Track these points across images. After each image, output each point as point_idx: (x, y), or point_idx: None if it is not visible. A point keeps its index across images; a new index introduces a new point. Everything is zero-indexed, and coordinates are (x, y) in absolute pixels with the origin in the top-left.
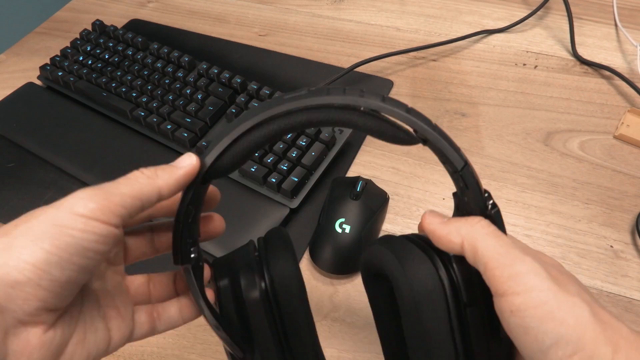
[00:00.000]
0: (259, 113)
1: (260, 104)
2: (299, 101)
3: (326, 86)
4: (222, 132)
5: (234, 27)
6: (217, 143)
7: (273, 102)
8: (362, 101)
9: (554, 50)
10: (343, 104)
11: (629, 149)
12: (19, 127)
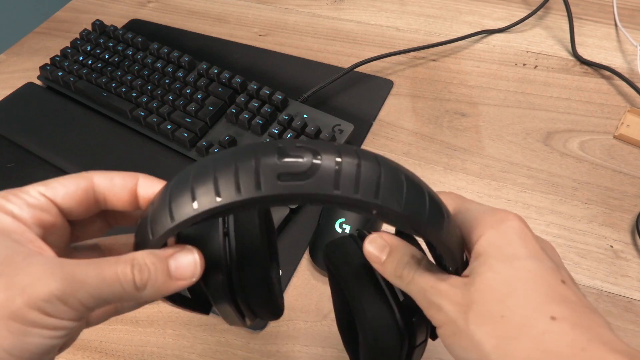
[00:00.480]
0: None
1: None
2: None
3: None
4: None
5: (234, 27)
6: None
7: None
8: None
9: (554, 50)
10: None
11: (629, 149)
12: (19, 127)
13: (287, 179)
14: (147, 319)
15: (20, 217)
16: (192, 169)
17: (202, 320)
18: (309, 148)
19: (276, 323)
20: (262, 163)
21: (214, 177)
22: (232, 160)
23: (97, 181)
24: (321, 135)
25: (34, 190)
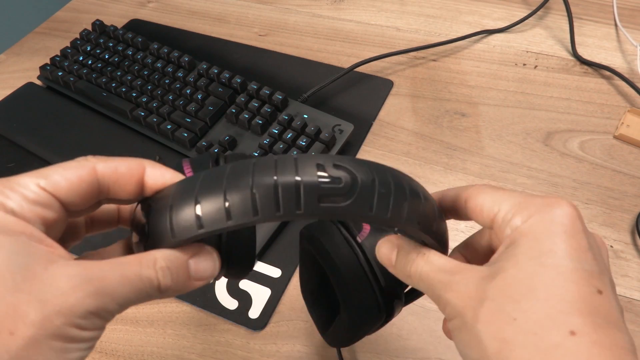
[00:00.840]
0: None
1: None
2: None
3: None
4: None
5: (234, 27)
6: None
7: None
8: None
9: (554, 50)
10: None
11: (629, 149)
12: (19, 127)
13: (327, 201)
14: (147, 319)
15: (22, 215)
16: (227, 171)
17: (202, 320)
18: (346, 168)
19: (276, 323)
20: (303, 182)
21: (251, 189)
22: (272, 172)
23: (100, 169)
24: (321, 135)
25: (32, 183)
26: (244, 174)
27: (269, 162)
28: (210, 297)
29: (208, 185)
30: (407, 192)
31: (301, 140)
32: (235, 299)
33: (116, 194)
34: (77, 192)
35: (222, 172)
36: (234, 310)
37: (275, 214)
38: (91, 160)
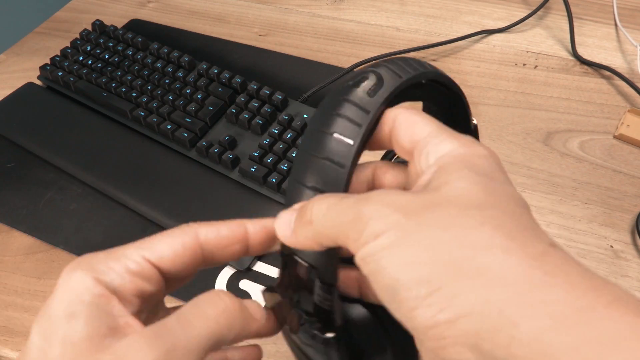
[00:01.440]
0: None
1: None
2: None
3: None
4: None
5: (234, 27)
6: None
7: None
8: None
9: (554, 50)
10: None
11: (629, 149)
12: (19, 127)
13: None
14: None
15: (118, 289)
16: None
17: None
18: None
19: None
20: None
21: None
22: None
23: (203, 236)
24: None
25: (137, 254)
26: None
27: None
28: None
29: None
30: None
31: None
32: None
33: (221, 258)
34: (181, 262)
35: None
36: None
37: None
38: (193, 227)
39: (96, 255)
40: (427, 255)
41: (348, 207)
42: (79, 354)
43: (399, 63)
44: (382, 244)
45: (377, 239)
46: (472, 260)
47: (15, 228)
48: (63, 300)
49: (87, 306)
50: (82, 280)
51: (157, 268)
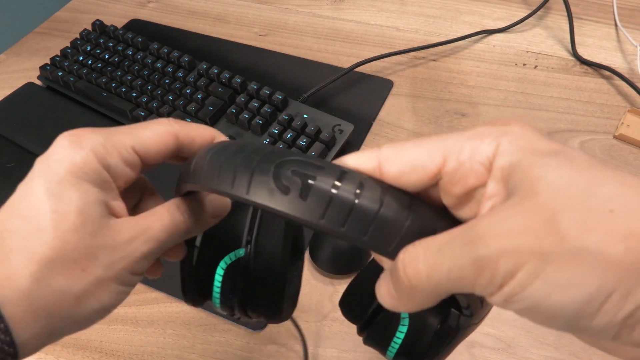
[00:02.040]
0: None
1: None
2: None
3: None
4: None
5: (234, 27)
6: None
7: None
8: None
9: (554, 50)
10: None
11: (629, 149)
12: (19, 127)
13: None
14: (147, 319)
15: (114, 172)
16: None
17: (202, 320)
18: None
19: None
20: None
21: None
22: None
23: (181, 137)
24: (321, 135)
25: (129, 144)
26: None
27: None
28: None
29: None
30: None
31: (301, 140)
32: None
33: (184, 155)
34: (161, 155)
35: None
36: None
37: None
38: (174, 126)
39: (95, 135)
40: (579, 268)
41: (456, 258)
42: (87, 231)
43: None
44: (524, 280)
45: (516, 277)
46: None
47: None
48: (72, 172)
49: (92, 185)
50: (88, 159)
51: (140, 158)
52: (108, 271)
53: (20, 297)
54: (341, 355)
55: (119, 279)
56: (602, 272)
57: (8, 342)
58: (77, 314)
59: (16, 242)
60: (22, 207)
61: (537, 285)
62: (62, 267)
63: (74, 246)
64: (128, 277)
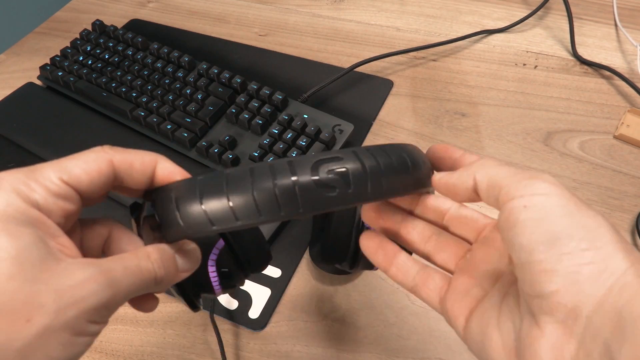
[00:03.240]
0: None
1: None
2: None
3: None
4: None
5: (234, 27)
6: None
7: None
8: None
9: (554, 50)
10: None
11: (629, 149)
12: (19, 127)
13: (323, 195)
14: (147, 318)
15: (45, 208)
16: (223, 177)
17: (202, 320)
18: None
19: (276, 323)
20: (299, 182)
21: (252, 192)
22: (269, 176)
23: (117, 162)
24: (321, 135)
25: (54, 175)
26: (243, 178)
27: (264, 167)
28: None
29: (215, 187)
30: (396, 167)
31: (301, 140)
32: (235, 299)
33: (128, 185)
34: (96, 184)
35: (222, 176)
36: (234, 310)
37: (279, 214)
38: (109, 152)
39: (14, 174)
40: (592, 221)
41: (514, 169)
42: (24, 277)
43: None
44: (550, 199)
45: (544, 196)
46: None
47: None
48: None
49: (23, 227)
50: (9, 201)
51: (74, 189)
52: (57, 319)
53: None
54: (341, 355)
55: (72, 328)
56: (603, 231)
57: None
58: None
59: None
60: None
61: (556, 205)
62: (1, 320)
63: (12, 296)
64: (84, 325)
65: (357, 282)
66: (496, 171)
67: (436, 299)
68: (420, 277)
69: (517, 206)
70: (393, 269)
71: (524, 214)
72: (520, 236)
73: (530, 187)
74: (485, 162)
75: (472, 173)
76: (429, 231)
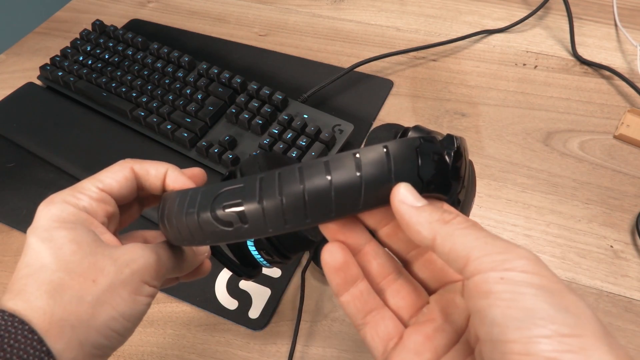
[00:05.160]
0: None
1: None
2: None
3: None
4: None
5: (234, 27)
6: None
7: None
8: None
9: (554, 50)
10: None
11: (629, 149)
12: (19, 127)
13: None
14: (147, 318)
15: (91, 211)
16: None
17: (202, 320)
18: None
19: (276, 323)
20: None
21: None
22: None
23: (137, 170)
24: (321, 135)
25: (92, 185)
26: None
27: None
28: (210, 297)
29: (190, 205)
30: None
31: (301, 140)
32: (235, 299)
33: (148, 189)
34: (125, 189)
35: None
36: (234, 310)
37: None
38: (129, 162)
39: (61, 193)
40: (575, 306)
41: (485, 238)
42: (84, 251)
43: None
44: (528, 278)
45: (524, 273)
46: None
47: (15, 228)
48: (54, 221)
49: (76, 223)
50: (62, 208)
51: (109, 194)
52: (116, 277)
53: (40, 312)
54: (341, 355)
55: (130, 285)
56: (581, 319)
57: (45, 352)
58: (96, 321)
59: (27, 280)
60: (26, 260)
61: (532, 286)
62: (72, 281)
63: (77, 264)
64: (138, 284)
65: None
66: (463, 239)
67: (380, 349)
68: (374, 317)
69: (493, 277)
70: (347, 296)
71: (501, 285)
72: (494, 308)
73: (507, 263)
74: (450, 227)
75: (432, 231)
76: (390, 268)
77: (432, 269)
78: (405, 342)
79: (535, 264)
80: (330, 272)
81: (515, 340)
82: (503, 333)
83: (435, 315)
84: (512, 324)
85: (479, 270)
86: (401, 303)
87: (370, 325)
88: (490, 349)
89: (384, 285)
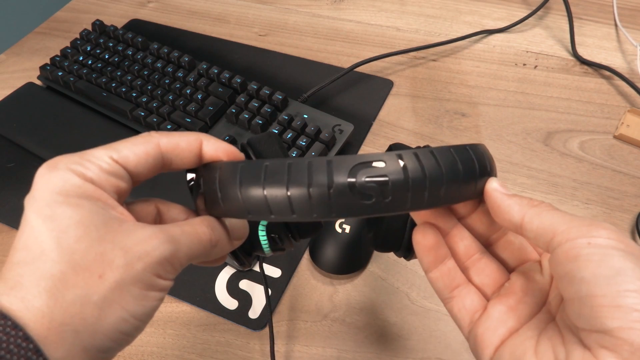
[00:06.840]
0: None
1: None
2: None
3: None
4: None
5: (234, 27)
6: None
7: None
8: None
9: (554, 50)
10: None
11: (629, 149)
12: (19, 127)
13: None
14: None
15: (99, 184)
16: (286, 166)
17: (202, 320)
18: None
19: (276, 323)
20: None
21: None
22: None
23: (163, 145)
24: (321, 135)
25: (106, 155)
26: (303, 173)
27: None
28: (210, 297)
29: (253, 178)
30: (444, 178)
31: (301, 140)
32: (235, 299)
33: (177, 165)
34: (144, 165)
35: (283, 162)
36: (234, 310)
37: (311, 216)
38: (155, 136)
39: (69, 156)
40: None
41: (570, 216)
42: (91, 238)
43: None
44: (614, 243)
45: (609, 239)
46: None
47: (15, 228)
48: (57, 193)
49: (82, 199)
50: (66, 178)
51: (124, 169)
52: (127, 273)
53: (39, 315)
54: (341, 355)
55: (142, 281)
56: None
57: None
58: (104, 324)
59: (24, 269)
60: (23, 240)
61: (621, 250)
62: (76, 277)
63: (83, 255)
64: (152, 279)
65: (357, 282)
66: (550, 216)
67: (467, 320)
68: (460, 292)
69: (581, 243)
70: (436, 272)
71: (587, 249)
72: (583, 270)
73: (592, 232)
74: (538, 208)
75: (521, 212)
76: (475, 249)
77: (511, 249)
78: (489, 312)
79: (618, 234)
80: (422, 250)
81: (605, 295)
82: (592, 289)
83: (517, 289)
84: (601, 281)
85: (566, 239)
86: (485, 280)
87: (457, 299)
88: (578, 306)
89: (469, 264)
